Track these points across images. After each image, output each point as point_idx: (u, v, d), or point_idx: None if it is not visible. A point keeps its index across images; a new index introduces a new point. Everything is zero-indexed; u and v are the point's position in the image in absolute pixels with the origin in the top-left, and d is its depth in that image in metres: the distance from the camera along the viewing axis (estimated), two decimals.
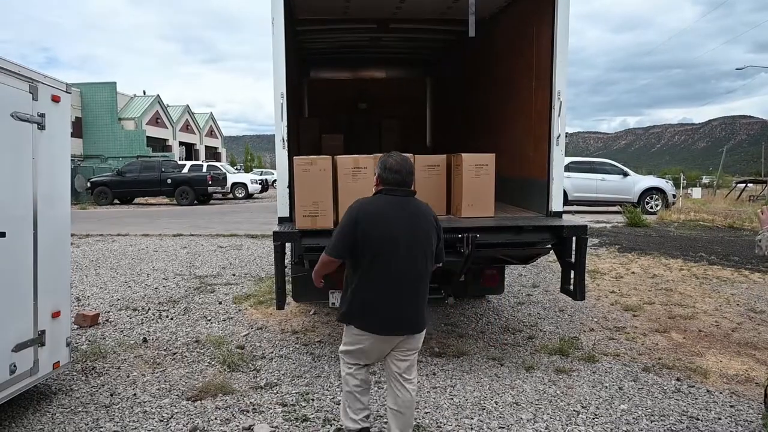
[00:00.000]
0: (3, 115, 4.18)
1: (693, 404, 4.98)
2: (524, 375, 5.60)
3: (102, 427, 4.46)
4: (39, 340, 4.60)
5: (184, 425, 4.50)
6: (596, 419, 4.66)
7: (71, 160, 6.51)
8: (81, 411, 4.74)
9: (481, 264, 6.43)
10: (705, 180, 60.69)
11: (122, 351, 6.22)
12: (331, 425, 4.49)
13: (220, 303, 8.28)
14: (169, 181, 29.08)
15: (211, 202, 31.22)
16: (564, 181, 5.99)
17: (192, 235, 15.92)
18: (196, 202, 29.30)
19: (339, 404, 4.75)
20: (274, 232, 5.20)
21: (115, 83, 50.44)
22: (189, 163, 33.47)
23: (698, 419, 4.69)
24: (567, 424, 4.56)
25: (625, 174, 22.74)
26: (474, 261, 5.50)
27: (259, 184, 36.82)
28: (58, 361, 4.90)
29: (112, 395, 5.06)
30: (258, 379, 5.46)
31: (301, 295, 6.96)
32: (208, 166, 33.40)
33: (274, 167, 8.28)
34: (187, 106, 63.61)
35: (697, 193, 39.59)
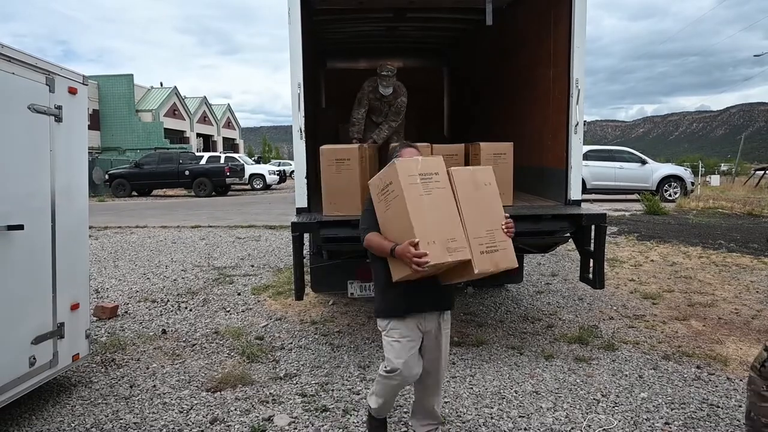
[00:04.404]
0: (20, 107, 4.19)
1: (713, 392, 4.93)
2: (544, 364, 5.57)
3: (122, 419, 4.48)
4: (58, 332, 4.63)
5: (203, 416, 4.52)
6: (616, 407, 4.63)
7: (89, 152, 6.53)
8: (101, 403, 4.77)
9: None
10: (723, 167, 60.00)
11: (141, 343, 6.26)
12: (350, 415, 4.49)
13: (239, 294, 8.31)
14: (186, 172, 29.14)
15: (229, 193, 31.31)
16: (582, 170, 5.95)
17: (210, 226, 15.98)
18: (214, 193, 29.36)
19: (357, 394, 4.87)
20: (292, 223, 5.20)
21: (132, 75, 50.84)
22: (207, 155, 33.57)
23: (719, 407, 4.64)
24: (587, 413, 4.53)
25: (644, 162, 22.55)
26: None
27: (277, 175, 36.83)
28: (78, 353, 4.93)
29: (131, 387, 5.09)
30: (277, 370, 5.47)
31: (320, 286, 6.98)
32: (225, 157, 33.48)
33: (291, 158, 8.32)
34: (204, 97, 63.84)
35: (715, 180, 39.19)
